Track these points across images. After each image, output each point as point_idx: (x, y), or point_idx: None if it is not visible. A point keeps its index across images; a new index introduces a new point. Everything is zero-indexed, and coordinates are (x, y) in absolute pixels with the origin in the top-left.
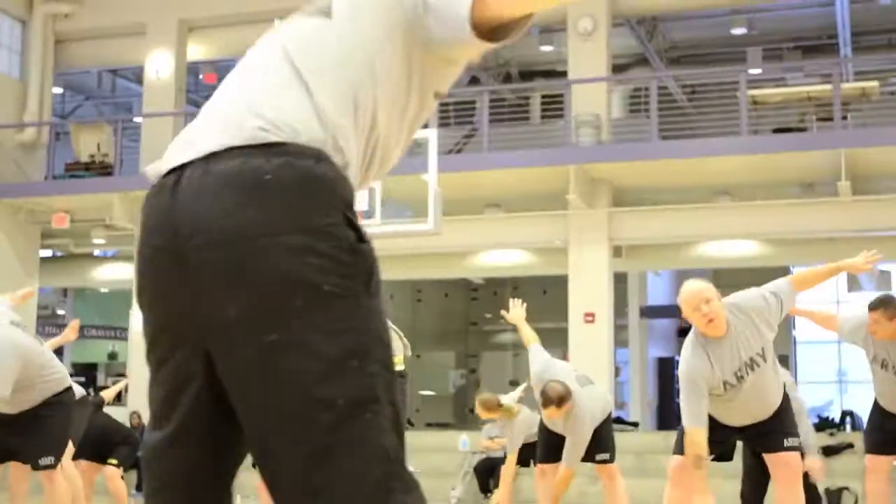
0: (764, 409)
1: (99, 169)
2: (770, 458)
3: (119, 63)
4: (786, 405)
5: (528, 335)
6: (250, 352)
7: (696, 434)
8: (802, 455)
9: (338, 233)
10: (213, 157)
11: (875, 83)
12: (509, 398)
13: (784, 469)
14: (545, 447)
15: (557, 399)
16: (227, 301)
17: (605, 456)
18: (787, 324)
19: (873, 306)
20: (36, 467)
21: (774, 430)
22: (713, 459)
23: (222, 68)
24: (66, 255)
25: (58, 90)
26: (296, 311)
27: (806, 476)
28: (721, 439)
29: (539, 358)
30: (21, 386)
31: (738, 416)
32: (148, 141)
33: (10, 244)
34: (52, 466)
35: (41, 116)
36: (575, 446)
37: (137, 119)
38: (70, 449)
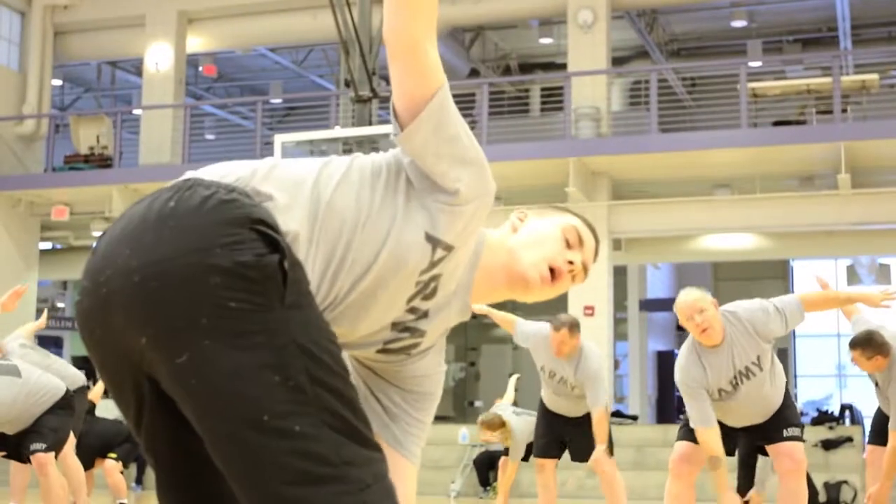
0: (762, 413)
1: (98, 161)
2: (772, 450)
3: (118, 55)
4: (787, 402)
5: (506, 317)
6: (169, 374)
7: (707, 434)
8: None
9: (243, 248)
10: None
11: (875, 76)
12: (507, 397)
13: (786, 460)
14: (544, 441)
15: (570, 324)
16: (139, 329)
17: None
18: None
19: (853, 345)
20: (28, 453)
21: (773, 421)
22: None
23: (222, 60)
24: (65, 248)
25: (57, 82)
26: (203, 331)
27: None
28: (725, 434)
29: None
30: (12, 417)
31: (736, 418)
32: (147, 133)
33: (9, 237)
34: (44, 451)
35: (40, 108)
36: (595, 383)
37: (137, 111)
38: (71, 440)
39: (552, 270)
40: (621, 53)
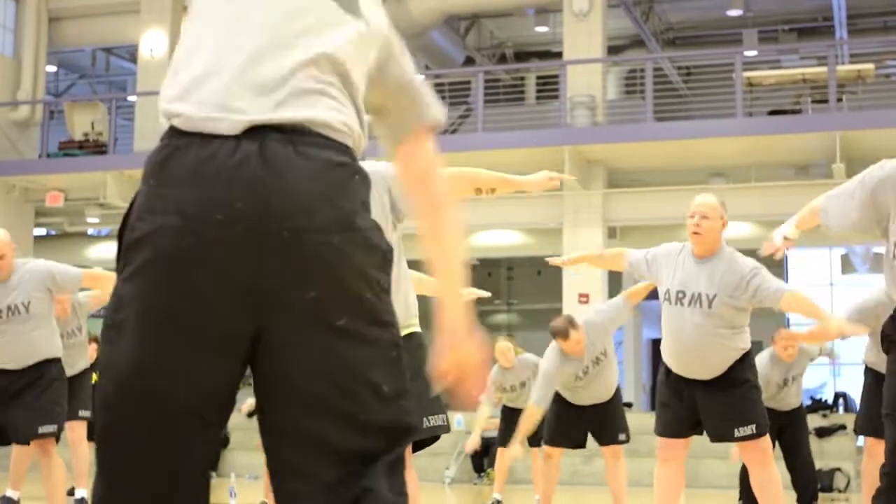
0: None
1: (93, 147)
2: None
3: (113, 42)
4: (748, 394)
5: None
6: (318, 331)
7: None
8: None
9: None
10: (296, 133)
11: (871, 66)
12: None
13: (750, 452)
14: (559, 429)
15: (571, 322)
16: (310, 284)
17: (624, 436)
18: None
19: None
20: (35, 435)
21: (726, 420)
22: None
23: None
24: (60, 234)
25: (51, 68)
26: (364, 302)
27: (806, 454)
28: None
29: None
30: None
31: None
32: (142, 120)
33: (3, 222)
34: (52, 434)
35: (35, 95)
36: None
37: (132, 98)
38: (83, 424)
39: None
40: (617, 42)
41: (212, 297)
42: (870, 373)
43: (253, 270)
